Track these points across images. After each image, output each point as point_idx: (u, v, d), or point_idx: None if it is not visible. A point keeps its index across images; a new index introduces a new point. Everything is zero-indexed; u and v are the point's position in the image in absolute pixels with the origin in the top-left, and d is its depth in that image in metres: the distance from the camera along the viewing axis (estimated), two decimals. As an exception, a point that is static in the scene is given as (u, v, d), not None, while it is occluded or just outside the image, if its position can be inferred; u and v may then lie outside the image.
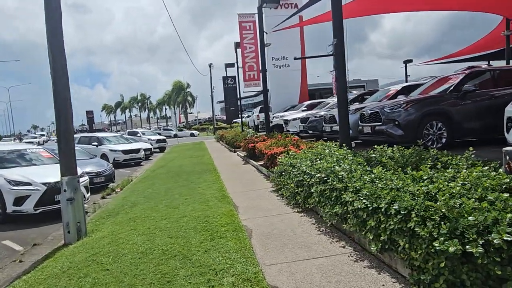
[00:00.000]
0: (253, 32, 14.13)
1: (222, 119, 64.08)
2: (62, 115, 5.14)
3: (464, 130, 7.02)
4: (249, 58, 14.02)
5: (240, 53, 13.81)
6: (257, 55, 14.22)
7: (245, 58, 13.93)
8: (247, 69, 14.08)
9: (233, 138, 17.40)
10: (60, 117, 5.13)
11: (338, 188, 4.18)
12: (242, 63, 13.95)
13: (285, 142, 8.33)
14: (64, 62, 5.18)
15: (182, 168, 12.00)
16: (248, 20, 14.36)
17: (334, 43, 6.84)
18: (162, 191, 8.02)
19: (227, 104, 54.61)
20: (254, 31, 14.18)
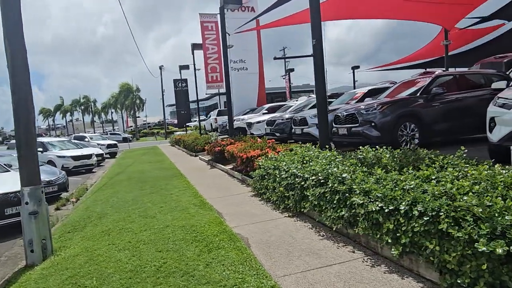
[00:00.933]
0: (215, 32, 13.77)
1: (173, 123, 62.37)
2: (23, 117, 4.43)
3: (434, 131, 7.31)
4: (212, 59, 13.61)
5: (202, 54, 13.37)
6: (220, 56, 13.85)
7: (208, 59, 13.50)
8: (210, 71, 13.66)
9: (193, 142, 16.80)
10: (20, 119, 4.42)
11: (341, 191, 4.02)
12: (205, 64, 13.50)
13: (261, 145, 8.09)
14: (25, 55, 4.49)
15: (144, 174, 11.25)
16: (210, 21, 13.96)
17: (313, 43, 6.77)
18: (130, 200, 7.36)
19: (179, 107, 53.36)
20: (216, 32, 13.81)
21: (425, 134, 7.22)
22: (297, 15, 14.76)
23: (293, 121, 10.45)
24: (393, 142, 6.98)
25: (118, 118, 70.65)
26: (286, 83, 39.29)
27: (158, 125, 69.57)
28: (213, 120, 24.02)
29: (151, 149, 24.17)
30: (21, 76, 4.41)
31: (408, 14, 16.17)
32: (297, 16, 14.99)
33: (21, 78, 4.41)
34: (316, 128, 9.42)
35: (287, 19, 15.21)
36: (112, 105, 62.11)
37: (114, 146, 23.29)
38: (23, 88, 4.43)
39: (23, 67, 4.42)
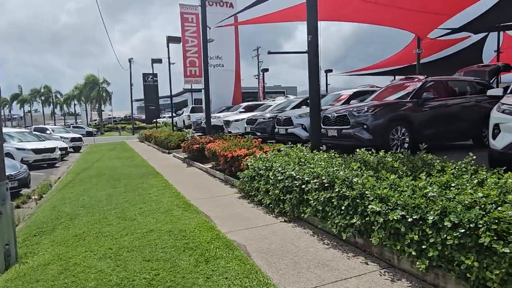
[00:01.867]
0: (195, 25, 13.18)
1: (141, 118, 60.39)
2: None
3: (424, 136, 7.25)
4: (191, 52, 13.01)
5: (182, 46, 12.72)
6: (200, 50, 13.29)
7: (187, 52, 12.89)
8: (188, 65, 13.06)
9: (166, 138, 16.07)
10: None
11: (351, 196, 3.72)
12: (183, 58, 12.88)
13: (247, 144, 7.69)
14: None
15: (115, 170, 10.49)
16: (190, 12, 13.34)
17: (308, 39, 6.47)
18: (103, 199, 6.71)
19: (147, 102, 51.69)
20: (197, 25, 13.24)
21: (415, 138, 7.14)
22: (274, 14, 14.60)
23: (277, 120, 10.15)
24: (384, 146, 6.85)
25: (81, 111, 67.32)
26: (260, 83, 39.08)
27: (124, 120, 67.11)
28: (186, 116, 23.27)
29: (119, 145, 23.01)
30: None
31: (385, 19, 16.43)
32: (274, 15, 14.82)
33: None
34: (302, 129, 9.18)
35: (266, 17, 14.99)
36: (75, 97, 59.15)
37: (78, 139, 21.96)
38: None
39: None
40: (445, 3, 13.77)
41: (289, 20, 18.64)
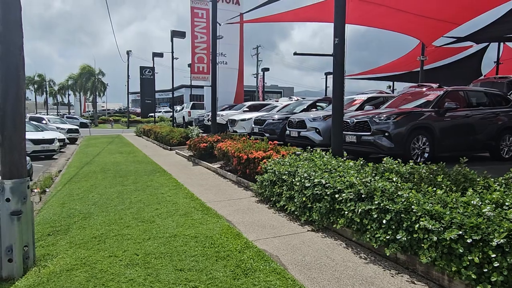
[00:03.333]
0: (206, 21, 12.91)
1: (135, 111, 59.80)
2: (11, 88, 3.51)
3: (444, 146, 7.15)
4: (200, 49, 12.74)
5: (190, 42, 12.44)
6: (209, 46, 13.04)
7: (195, 48, 12.62)
8: (197, 61, 12.78)
9: (168, 134, 15.77)
10: (8, 90, 3.49)
11: (394, 210, 3.56)
12: (192, 53, 12.60)
13: (263, 146, 7.48)
14: (19, 11, 3.57)
15: (120, 166, 10.20)
16: (201, 7, 13.06)
17: (335, 43, 6.29)
18: (114, 197, 6.45)
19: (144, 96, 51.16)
20: (207, 20, 12.97)
21: (436, 148, 7.03)
22: (281, 15, 14.55)
23: (289, 122, 9.96)
24: (405, 155, 6.73)
25: (75, 102, 66.34)
26: (260, 82, 38.86)
27: (119, 113, 66.33)
28: (186, 113, 22.97)
29: (116, 138, 22.61)
30: (14, 36, 3.49)
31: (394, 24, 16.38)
32: (281, 16, 14.77)
33: (13, 38, 3.49)
34: (315, 132, 9.01)
35: (273, 16, 14.90)
36: (70, 87, 58.23)
37: (75, 131, 21.50)
38: (14, 53, 3.51)
39: (16, 24, 3.50)
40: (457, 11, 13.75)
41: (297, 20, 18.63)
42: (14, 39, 3.50)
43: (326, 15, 15.41)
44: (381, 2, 12.86)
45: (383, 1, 12.69)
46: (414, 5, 13.29)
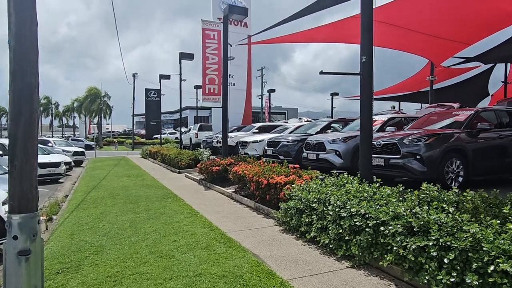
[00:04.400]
0: (217, 42, 12.80)
1: (140, 133, 59.81)
2: (25, 111, 3.13)
3: (479, 169, 6.69)
4: (211, 70, 12.56)
5: (202, 63, 12.28)
6: (220, 67, 12.84)
7: (206, 69, 12.43)
8: (208, 82, 12.57)
9: (176, 157, 15.38)
10: (21, 113, 3.11)
11: (458, 248, 3.08)
12: (203, 75, 12.40)
13: (284, 170, 7.04)
14: (35, 26, 3.24)
15: (129, 191, 9.75)
16: (212, 29, 12.98)
17: (362, 61, 5.96)
18: (127, 226, 5.98)
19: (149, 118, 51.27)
20: (218, 41, 12.85)
21: (470, 171, 6.56)
22: (288, 36, 14.57)
23: (306, 144, 9.54)
24: (438, 179, 6.27)
25: (80, 124, 66.58)
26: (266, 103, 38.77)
27: (123, 134, 66.37)
28: (193, 134, 22.66)
29: (122, 160, 22.26)
30: (28, 52, 3.14)
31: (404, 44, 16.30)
32: (290, 37, 14.78)
33: (28, 55, 3.14)
34: (335, 155, 8.59)
35: (279, 38, 14.92)
36: (75, 109, 58.51)
37: (81, 153, 21.18)
38: (28, 71, 3.15)
39: (32, 38, 3.16)
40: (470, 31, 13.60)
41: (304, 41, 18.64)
42: (28, 56, 3.15)
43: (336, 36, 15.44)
44: (397, 23, 12.74)
45: (398, 22, 12.57)
46: (428, 26, 13.16)
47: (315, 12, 10.16)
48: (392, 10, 11.46)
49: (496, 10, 11.15)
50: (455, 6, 11.23)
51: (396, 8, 11.46)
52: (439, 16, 12.12)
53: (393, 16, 11.98)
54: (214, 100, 13.23)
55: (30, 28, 3.22)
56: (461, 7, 11.29)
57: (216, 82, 12.89)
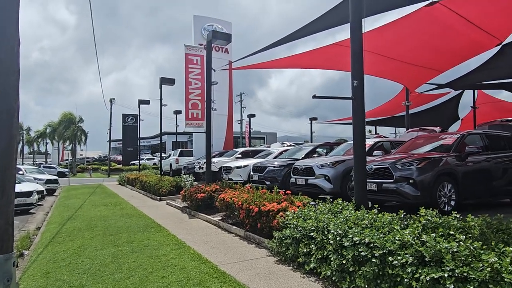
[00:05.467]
0: (200, 67, 12.70)
1: (116, 159, 58.24)
2: (2, 138, 2.80)
3: (470, 192, 6.69)
4: (194, 95, 12.37)
5: (184, 88, 12.09)
6: (203, 92, 12.70)
7: (189, 94, 12.24)
8: (191, 107, 12.34)
9: (157, 183, 14.84)
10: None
11: (477, 279, 2.90)
12: (185, 100, 12.18)
13: (276, 197, 6.79)
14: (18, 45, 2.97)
15: (108, 221, 9.17)
16: (195, 54, 12.92)
17: (354, 85, 5.94)
18: (108, 262, 5.50)
19: (126, 144, 50.18)
20: (201, 66, 12.77)
21: (461, 195, 6.54)
22: (269, 62, 14.80)
23: (294, 169, 9.37)
24: (432, 203, 6.18)
25: (52, 150, 64.22)
26: (246, 128, 38.76)
27: (98, 161, 64.42)
28: (174, 160, 22.14)
29: (98, 188, 21.35)
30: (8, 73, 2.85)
31: (382, 71, 16.84)
32: (271, 63, 15.01)
33: (9, 79, 2.85)
34: (325, 180, 8.45)
35: (260, 64, 15.09)
36: (48, 135, 56.48)
37: (54, 181, 20.13)
38: (8, 93, 2.85)
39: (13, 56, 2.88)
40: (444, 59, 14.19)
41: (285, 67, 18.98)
42: (9, 77, 2.86)
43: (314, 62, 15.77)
44: (374, 50, 13.13)
45: (376, 50, 12.96)
46: (405, 54, 13.65)
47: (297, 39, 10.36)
48: (371, 38, 11.79)
49: (467, 41, 11.70)
50: (432, 36, 11.70)
51: (376, 37, 11.81)
52: (416, 45, 12.58)
53: (373, 44, 12.34)
54: (197, 125, 12.98)
55: (11, 47, 2.95)
56: (436, 37, 11.77)
57: (199, 107, 12.69)
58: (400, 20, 10.63)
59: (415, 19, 10.55)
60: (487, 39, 11.42)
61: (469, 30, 10.74)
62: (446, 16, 9.91)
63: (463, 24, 10.56)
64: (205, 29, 21.60)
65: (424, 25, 10.95)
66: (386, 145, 9.71)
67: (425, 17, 10.29)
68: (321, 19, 7.66)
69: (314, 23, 7.92)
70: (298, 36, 9.85)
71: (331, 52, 12.99)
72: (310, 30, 8.82)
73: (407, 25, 11.07)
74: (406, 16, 10.36)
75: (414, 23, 10.83)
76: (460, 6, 9.53)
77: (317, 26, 8.29)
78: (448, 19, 10.21)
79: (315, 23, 7.90)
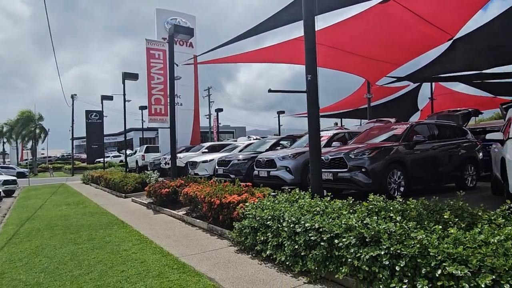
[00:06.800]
0: (162, 62, 12.53)
1: (80, 158, 56.18)
2: None
3: (417, 178, 7.18)
4: (157, 90, 12.22)
5: (147, 83, 11.90)
6: (166, 87, 12.59)
7: (152, 89, 12.08)
8: (154, 102, 12.20)
9: (122, 181, 14.61)
10: None
11: (408, 255, 3.22)
12: (148, 95, 12.01)
13: (237, 189, 6.96)
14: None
15: (69, 220, 9.00)
16: (157, 48, 12.72)
17: (308, 79, 6.19)
18: (68, 260, 5.47)
19: (90, 141, 48.53)
20: (164, 61, 12.61)
21: (410, 181, 7.01)
22: (234, 57, 14.95)
23: (257, 162, 9.59)
24: (383, 190, 6.59)
25: (11, 150, 61.00)
26: (214, 123, 38.63)
27: (61, 159, 61.93)
28: (140, 156, 21.78)
29: (60, 187, 20.66)
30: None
31: (343, 65, 17.47)
32: (233, 58, 15.17)
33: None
34: (286, 171, 8.72)
35: (225, 59, 15.20)
36: (4, 134, 53.51)
37: (12, 182, 19.24)
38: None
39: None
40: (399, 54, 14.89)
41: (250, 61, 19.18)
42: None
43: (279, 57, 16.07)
44: (335, 45, 13.57)
45: (337, 45, 13.39)
46: (364, 49, 14.18)
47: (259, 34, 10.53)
48: (331, 33, 12.17)
49: (421, 36, 12.34)
50: (388, 32, 12.24)
51: (336, 32, 12.21)
52: (374, 40, 13.12)
53: (333, 39, 12.74)
54: (161, 121, 12.87)
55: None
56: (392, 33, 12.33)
57: (163, 102, 12.58)
58: (357, 16, 11.06)
59: (371, 15, 11.03)
60: (440, 34, 12.11)
61: (422, 25, 11.34)
62: (400, 13, 10.41)
63: (416, 20, 11.15)
64: (168, 22, 21.23)
65: (380, 21, 11.45)
66: (345, 136, 10.12)
67: (380, 13, 10.77)
68: (276, 17, 7.86)
69: (270, 20, 8.10)
70: (259, 31, 10.02)
71: (295, 47, 13.27)
72: (268, 26, 9.00)
73: (365, 22, 11.53)
74: (363, 13, 10.80)
75: (371, 20, 11.30)
76: (412, 3, 10.04)
77: (273, 23, 8.48)
78: (402, 15, 10.74)
79: (271, 20, 8.09)
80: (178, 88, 19.73)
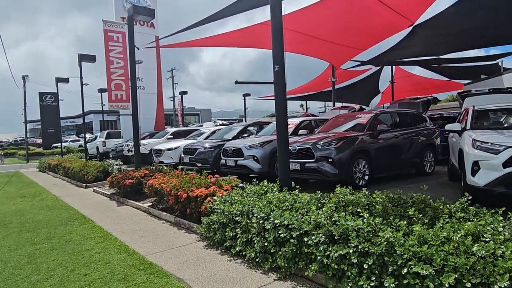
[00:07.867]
0: (122, 44, 11.82)
1: (36, 142, 53.16)
2: None
3: (381, 167, 7.39)
4: (117, 75, 11.54)
5: (105, 68, 11.21)
6: (127, 72, 11.96)
7: (111, 74, 11.38)
8: (114, 88, 11.53)
9: (82, 170, 13.95)
10: None
11: (375, 253, 3.29)
12: (107, 80, 11.33)
13: (204, 181, 6.82)
14: None
15: (25, 216, 8.47)
16: (115, 30, 11.93)
17: (275, 70, 6.08)
18: (24, 263, 5.14)
19: (45, 125, 45.85)
20: (123, 44, 11.91)
21: (374, 170, 7.22)
22: (198, 41, 14.57)
23: (224, 151, 9.45)
24: (348, 179, 6.75)
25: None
26: (178, 106, 37.71)
27: (14, 145, 58.23)
28: (101, 143, 20.88)
29: (14, 176, 19.46)
30: None
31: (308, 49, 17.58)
32: (197, 41, 14.78)
33: None
34: (253, 161, 8.68)
35: (189, 42, 14.78)
36: None
37: (-42, 173, 17.84)
38: None
39: None
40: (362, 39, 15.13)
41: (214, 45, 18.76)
42: None
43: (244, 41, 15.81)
44: (300, 30, 13.50)
45: (303, 30, 13.32)
46: (328, 34, 14.25)
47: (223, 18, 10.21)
48: (297, 18, 12.06)
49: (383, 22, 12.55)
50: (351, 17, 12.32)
51: (301, 17, 12.10)
52: (338, 25, 13.18)
53: (298, 24, 12.65)
54: (123, 107, 12.28)
55: None
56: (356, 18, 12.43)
57: (124, 88, 11.98)
58: (323, 1, 11.00)
59: (336, 1, 11.01)
60: (401, 20, 12.37)
61: (384, 11, 11.49)
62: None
63: (379, 6, 11.28)
64: (127, 1, 20.12)
65: (343, 6, 11.49)
66: (311, 123, 10.20)
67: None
68: (243, 0, 7.60)
69: (237, 3, 7.83)
70: (224, 15, 9.70)
71: (261, 31, 13.04)
72: (234, 10, 8.72)
73: (329, 7, 11.52)
74: (326, -2, 10.74)
75: (335, 5, 11.30)
76: (374, -13, 10.08)
77: (239, 7, 8.22)
78: (366, 1, 10.82)
79: (238, 3, 7.82)
80: (140, 71, 18.91)
